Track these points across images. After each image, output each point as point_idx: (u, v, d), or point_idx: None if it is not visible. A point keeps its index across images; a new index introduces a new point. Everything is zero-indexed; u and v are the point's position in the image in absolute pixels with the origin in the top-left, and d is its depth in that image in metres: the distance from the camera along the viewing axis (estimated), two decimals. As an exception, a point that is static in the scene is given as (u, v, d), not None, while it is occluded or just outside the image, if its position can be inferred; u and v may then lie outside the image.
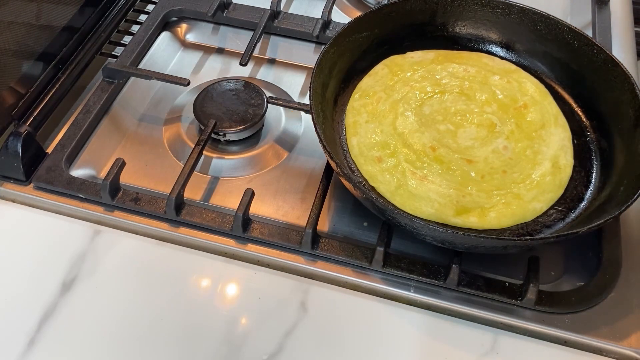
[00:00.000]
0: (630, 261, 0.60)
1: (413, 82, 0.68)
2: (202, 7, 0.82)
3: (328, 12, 0.80)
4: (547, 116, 0.66)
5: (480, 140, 0.63)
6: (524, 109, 0.66)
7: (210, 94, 0.72)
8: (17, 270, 0.59)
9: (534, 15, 0.70)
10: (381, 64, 0.70)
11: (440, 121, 0.65)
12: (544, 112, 0.66)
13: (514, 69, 0.70)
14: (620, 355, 0.55)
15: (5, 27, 0.66)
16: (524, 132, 0.64)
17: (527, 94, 0.67)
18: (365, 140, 0.63)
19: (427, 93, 0.67)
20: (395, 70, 0.69)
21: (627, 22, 0.86)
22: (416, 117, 0.64)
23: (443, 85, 0.68)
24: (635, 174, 0.58)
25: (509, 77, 0.68)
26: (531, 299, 0.56)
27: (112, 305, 0.57)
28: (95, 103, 0.71)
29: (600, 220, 0.53)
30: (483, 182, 0.60)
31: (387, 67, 0.70)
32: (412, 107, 0.65)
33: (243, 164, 0.69)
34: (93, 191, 0.63)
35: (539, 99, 0.67)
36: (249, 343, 0.55)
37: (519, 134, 0.64)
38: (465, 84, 0.68)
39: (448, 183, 0.59)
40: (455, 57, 0.71)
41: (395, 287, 0.58)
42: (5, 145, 0.64)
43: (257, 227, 0.61)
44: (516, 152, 0.62)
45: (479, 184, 0.60)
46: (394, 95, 0.67)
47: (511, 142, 0.63)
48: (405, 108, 0.65)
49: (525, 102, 0.66)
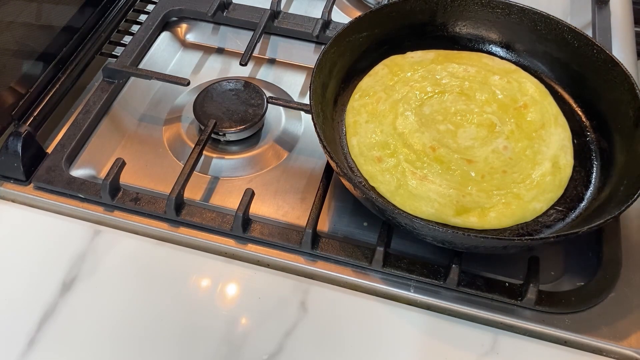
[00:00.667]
0: (630, 261, 0.60)
1: (413, 82, 0.68)
2: (202, 7, 0.82)
3: (328, 12, 0.80)
4: (547, 116, 0.66)
5: (480, 140, 0.63)
6: (523, 109, 0.66)
7: (210, 94, 0.72)
8: (17, 270, 0.59)
9: (534, 15, 0.70)
10: (381, 64, 0.70)
11: (440, 121, 0.65)
12: (544, 112, 0.66)
13: (514, 69, 0.70)
14: (620, 355, 0.55)
15: (5, 27, 0.66)
16: (524, 132, 0.64)
17: (527, 94, 0.67)
18: (365, 140, 0.63)
19: (427, 93, 0.67)
20: (395, 70, 0.69)
21: (627, 22, 0.86)
22: (416, 117, 0.64)
23: (443, 85, 0.68)
24: (636, 174, 0.58)
25: (509, 77, 0.68)
26: (531, 299, 0.56)
27: (112, 305, 0.57)
28: (95, 103, 0.71)
29: (600, 220, 0.53)
30: (483, 182, 0.60)
31: (387, 67, 0.70)
32: (412, 107, 0.65)
33: (243, 164, 0.69)
34: (93, 191, 0.63)
35: (539, 99, 0.67)
36: (249, 343, 0.55)
37: (519, 134, 0.64)
38: (465, 84, 0.68)
39: (448, 183, 0.59)
40: (455, 57, 0.71)
41: (395, 287, 0.58)
42: (5, 145, 0.64)
43: (257, 227, 0.61)
44: (516, 152, 0.62)
45: (479, 184, 0.60)
46: (394, 95, 0.67)
47: (511, 142, 0.63)
48: (405, 108, 0.65)
49: (525, 102, 0.66)
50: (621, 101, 0.63)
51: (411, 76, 0.69)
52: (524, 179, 0.61)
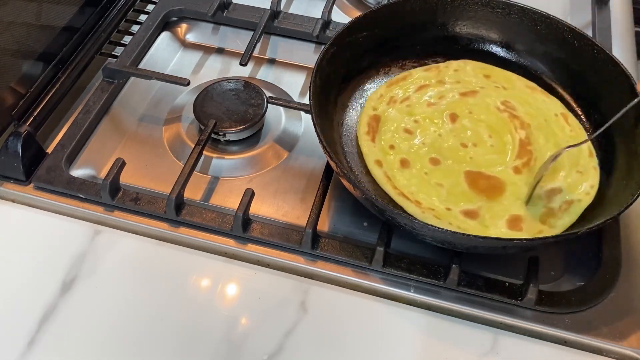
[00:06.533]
0: (630, 261, 0.60)
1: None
2: (202, 7, 0.82)
3: (328, 12, 0.80)
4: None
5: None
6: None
7: (210, 94, 0.72)
8: (17, 270, 0.59)
9: (534, 15, 0.70)
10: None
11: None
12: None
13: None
14: (620, 355, 0.55)
15: (5, 27, 0.66)
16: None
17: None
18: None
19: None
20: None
21: (627, 22, 0.86)
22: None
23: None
24: (635, 175, 0.58)
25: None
26: (531, 299, 0.56)
27: (112, 305, 0.57)
28: (95, 103, 0.71)
29: (600, 220, 0.53)
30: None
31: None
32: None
33: (243, 164, 0.69)
34: (93, 191, 0.63)
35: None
36: (249, 343, 0.55)
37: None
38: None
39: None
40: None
41: (395, 287, 0.58)
42: (5, 145, 0.64)
43: (257, 227, 0.61)
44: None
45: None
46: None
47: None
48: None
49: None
50: (621, 101, 0.63)
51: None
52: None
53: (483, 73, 0.71)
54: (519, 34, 0.72)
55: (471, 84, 0.70)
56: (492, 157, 0.64)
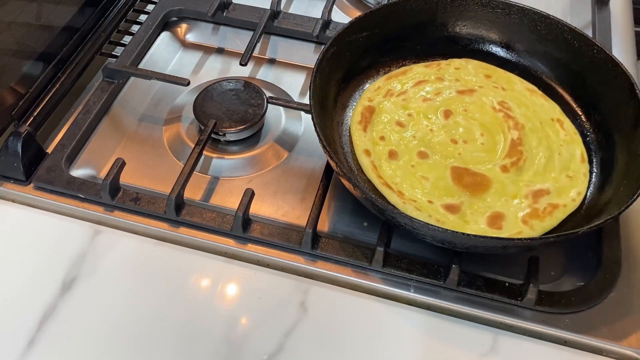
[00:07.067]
0: (630, 261, 0.60)
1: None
2: (202, 7, 0.82)
3: (328, 12, 0.80)
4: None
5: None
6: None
7: (210, 94, 0.72)
8: (17, 270, 0.59)
9: (534, 15, 0.70)
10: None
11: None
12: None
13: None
14: (620, 355, 0.55)
15: (5, 27, 0.66)
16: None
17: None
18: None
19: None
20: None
21: (627, 22, 0.86)
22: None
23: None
24: (635, 174, 0.58)
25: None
26: (531, 299, 0.56)
27: (112, 305, 0.57)
28: (95, 103, 0.71)
29: (600, 220, 0.53)
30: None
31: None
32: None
33: (243, 164, 0.69)
34: (93, 191, 0.63)
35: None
36: (249, 343, 0.55)
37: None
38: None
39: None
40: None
41: (395, 287, 0.58)
42: (5, 145, 0.64)
43: (257, 227, 0.61)
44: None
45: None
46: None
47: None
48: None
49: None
50: (621, 101, 0.63)
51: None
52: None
53: (484, 73, 0.71)
54: (519, 34, 0.72)
55: (470, 83, 0.70)
56: (480, 154, 0.64)
